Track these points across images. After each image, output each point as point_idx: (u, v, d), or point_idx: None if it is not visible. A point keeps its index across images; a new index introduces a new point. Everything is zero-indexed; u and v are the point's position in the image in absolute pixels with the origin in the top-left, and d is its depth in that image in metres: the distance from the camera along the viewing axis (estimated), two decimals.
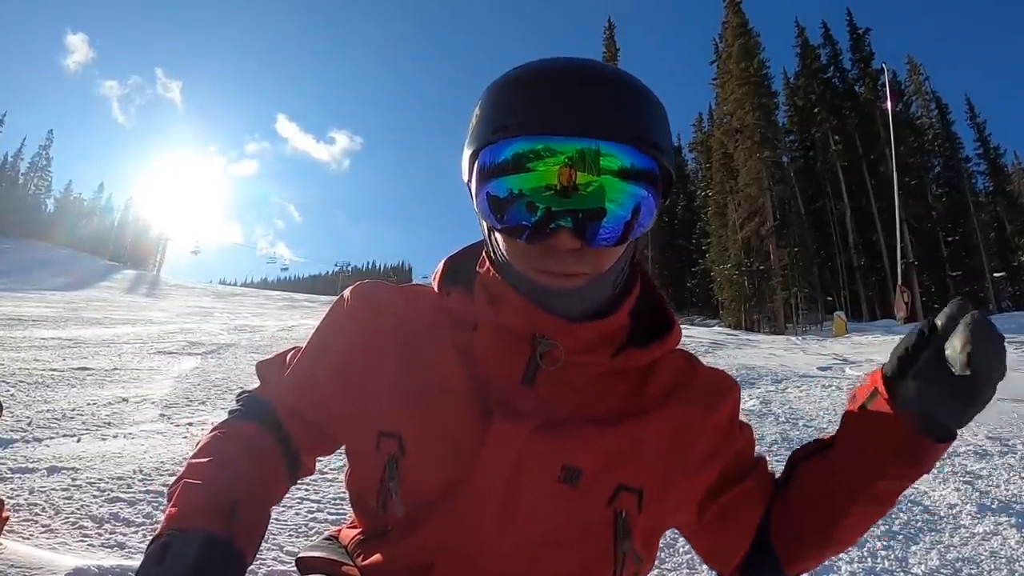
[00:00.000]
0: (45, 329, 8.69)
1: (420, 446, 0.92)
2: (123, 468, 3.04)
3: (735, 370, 8.07)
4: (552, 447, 0.89)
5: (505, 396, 0.92)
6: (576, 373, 0.94)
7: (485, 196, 0.85)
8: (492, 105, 0.85)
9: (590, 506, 0.89)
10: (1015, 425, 5.36)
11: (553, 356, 0.92)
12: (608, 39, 48.20)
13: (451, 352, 0.97)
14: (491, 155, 0.83)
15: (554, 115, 0.80)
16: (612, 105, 0.81)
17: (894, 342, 1.14)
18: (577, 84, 0.81)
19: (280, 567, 2.25)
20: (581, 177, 0.79)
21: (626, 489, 0.91)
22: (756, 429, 4.76)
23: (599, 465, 0.90)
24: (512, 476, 0.88)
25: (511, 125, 0.81)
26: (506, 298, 0.93)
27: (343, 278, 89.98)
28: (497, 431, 0.89)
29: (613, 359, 0.95)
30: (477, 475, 0.89)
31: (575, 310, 0.91)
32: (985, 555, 2.83)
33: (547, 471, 0.89)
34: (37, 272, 42.23)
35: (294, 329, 11.38)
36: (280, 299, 32.17)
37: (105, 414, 4.11)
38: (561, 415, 0.92)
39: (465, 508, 0.89)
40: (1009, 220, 46.23)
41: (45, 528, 2.38)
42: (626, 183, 0.81)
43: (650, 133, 0.82)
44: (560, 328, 0.91)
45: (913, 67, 50.91)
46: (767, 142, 37.83)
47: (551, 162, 0.79)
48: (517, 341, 0.93)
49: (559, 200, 0.80)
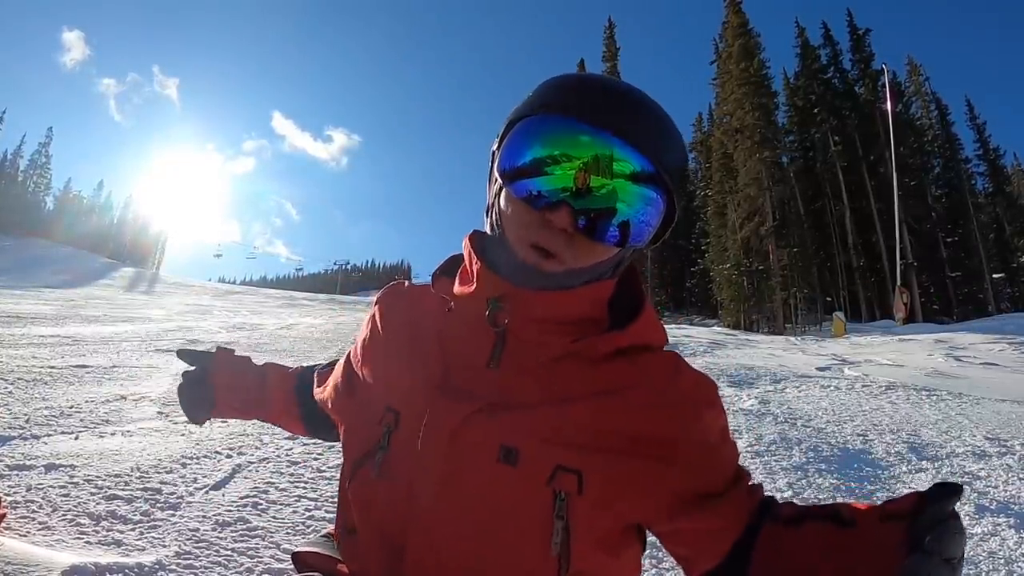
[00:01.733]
0: (44, 326, 8.67)
1: (406, 420, 0.98)
2: (121, 466, 3.04)
3: (734, 370, 8.08)
4: (491, 428, 0.93)
5: (465, 377, 0.98)
6: (535, 355, 0.97)
7: (504, 196, 0.95)
8: (542, 92, 0.95)
9: (528, 486, 0.91)
10: (1013, 426, 5.36)
11: (499, 319, 0.97)
12: (608, 38, 48.24)
13: (432, 336, 1.05)
14: (511, 154, 0.92)
15: (594, 108, 0.88)
16: (633, 112, 0.89)
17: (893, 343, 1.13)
18: (612, 88, 0.91)
19: (277, 565, 2.25)
20: (595, 180, 0.87)
21: (564, 469, 0.91)
22: (754, 429, 4.80)
23: (536, 445, 0.92)
24: (449, 455, 0.93)
25: (553, 104, 0.91)
26: (471, 267, 1.01)
27: (343, 277, 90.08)
28: (434, 410, 0.96)
29: (574, 343, 0.97)
30: (425, 454, 0.94)
31: (533, 285, 0.95)
32: (983, 556, 2.83)
33: (485, 451, 0.92)
34: (36, 270, 42.19)
35: (293, 328, 11.38)
36: (279, 297, 32.12)
37: (103, 412, 4.10)
38: (516, 398, 0.95)
39: (418, 487, 0.94)
40: (1008, 221, 46.31)
41: (42, 525, 2.37)
42: (637, 185, 0.89)
43: (662, 150, 0.90)
44: (509, 292, 0.96)
45: (913, 68, 50.99)
46: (767, 142, 37.88)
47: (567, 166, 0.87)
48: (481, 324, 0.98)
49: (575, 200, 0.87)
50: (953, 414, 5.82)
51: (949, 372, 9.20)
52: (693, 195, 53.16)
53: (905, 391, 6.91)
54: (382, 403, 1.03)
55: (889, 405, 6.17)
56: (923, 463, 4.18)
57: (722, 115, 43.59)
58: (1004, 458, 4.30)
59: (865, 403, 6.14)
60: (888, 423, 5.29)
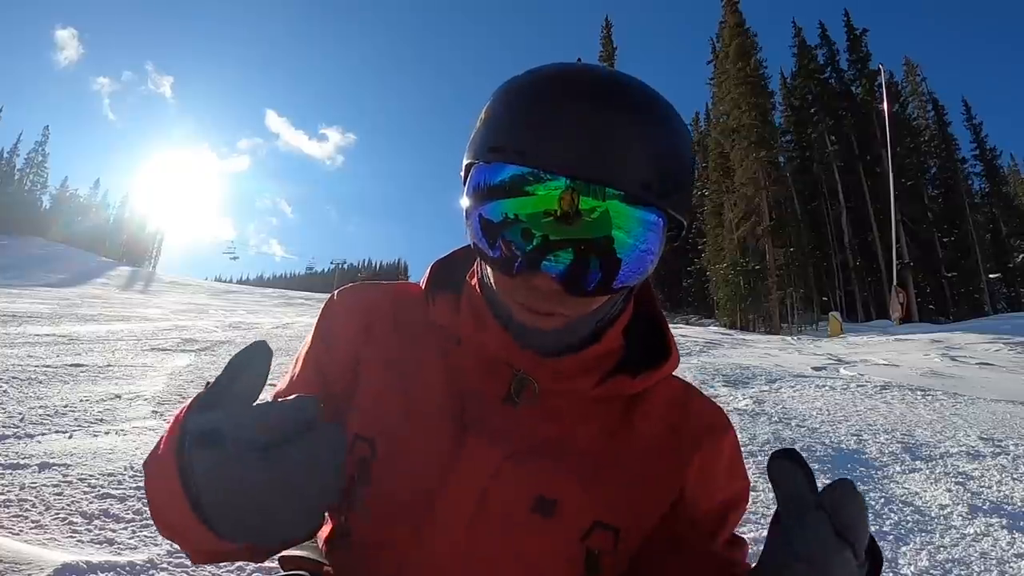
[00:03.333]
0: (39, 325, 8.65)
1: (393, 453, 0.88)
2: (114, 464, 3.03)
3: (729, 369, 8.08)
4: (527, 475, 0.85)
5: (483, 415, 0.88)
6: (559, 399, 0.90)
7: (478, 218, 0.78)
8: (494, 117, 0.78)
9: (562, 540, 0.85)
10: (1008, 426, 5.37)
11: (528, 393, 0.88)
12: (605, 38, 48.22)
13: (435, 363, 0.94)
14: (486, 173, 0.77)
15: (553, 149, 0.71)
16: (622, 141, 0.72)
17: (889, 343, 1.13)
18: (584, 106, 0.72)
19: (269, 563, 2.24)
20: (585, 202, 0.71)
21: (602, 526, 0.86)
22: (748, 428, 4.80)
23: (576, 497, 0.85)
24: (481, 501, 0.85)
25: (507, 149, 0.74)
26: (488, 323, 0.90)
27: (339, 275, 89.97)
28: (469, 450, 0.86)
29: (598, 387, 0.89)
30: (445, 496, 0.85)
31: (551, 346, 0.88)
32: (976, 556, 2.84)
33: (519, 500, 0.85)
34: (32, 268, 42.11)
35: (289, 327, 11.35)
36: (276, 296, 32.07)
37: (98, 411, 4.09)
38: (541, 441, 0.88)
39: (432, 527, 0.85)
40: (1005, 221, 46.44)
41: (35, 524, 2.37)
42: (635, 208, 0.73)
43: (660, 177, 0.74)
44: (535, 364, 0.87)
45: (910, 68, 51.11)
46: (763, 142, 37.87)
47: (552, 185, 0.71)
48: (500, 367, 0.90)
49: (559, 228, 0.72)
50: (948, 414, 5.82)
51: (945, 372, 9.21)
52: None
53: (900, 391, 6.91)
54: (350, 430, 0.91)
55: (884, 405, 6.17)
56: (917, 463, 4.18)
57: (719, 115, 43.57)
58: (998, 458, 4.31)
59: (860, 403, 6.14)
60: (883, 423, 5.30)
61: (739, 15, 41.19)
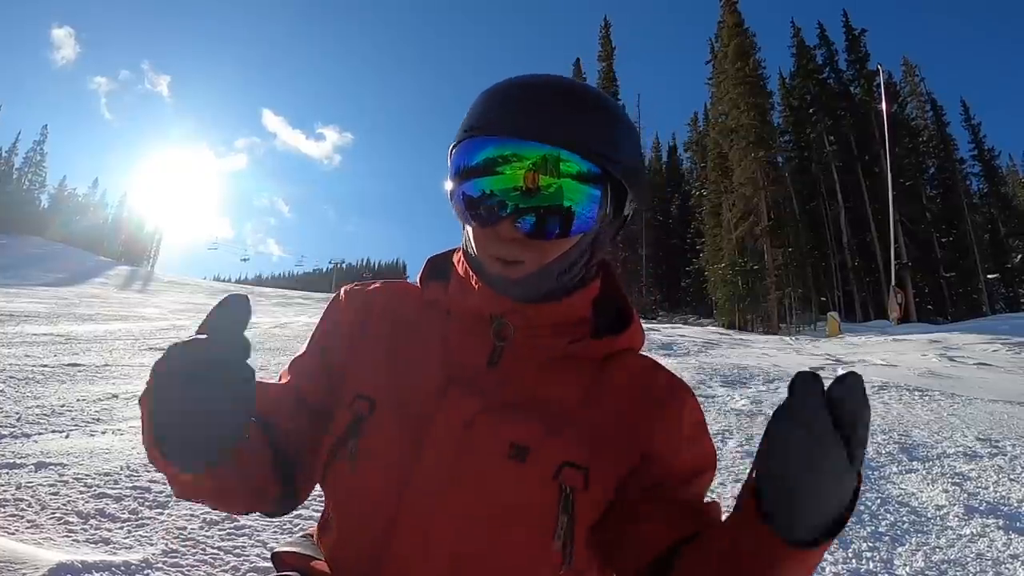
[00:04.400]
0: (37, 325, 8.66)
1: (388, 410, 1.00)
2: (111, 464, 3.04)
3: (727, 369, 8.09)
4: (502, 424, 0.96)
5: (469, 375, 1.01)
6: (534, 357, 1.03)
7: (461, 195, 0.97)
8: (474, 108, 0.98)
9: (537, 481, 0.94)
10: (1005, 426, 5.38)
11: (504, 333, 1.02)
12: (604, 37, 48.28)
13: (431, 336, 1.08)
14: (464, 157, 0.96)
15: (517, 121, 0.92)
16: (571, 116, 0.93)
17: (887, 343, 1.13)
18: (545, 97, 0.94)
19: (263, 563, 2.26)
20: (543, 180, 0.91)
21: (571, 465, 0.95)
22: (746, 429, 4.81)
23: (545, 443, 0.95)
24: (461, 448, 0.95)
25: (482, 126, 0.94)
26: (470, 283, 1.04)
27: (337, 275, 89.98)
28: (450, 401, 0.98)
29: (570, 345, 1.03)
30: (427, 446, 0.96)
31: (523, 297, 1.00)
32: (971, 557, 2.85)
33: (496, 447, 0.95)
34: (30, 268, 42.05)
35: (287, 326, 11.37)
36: (274, 296, 32.08)
37: (94, 410, 4.09)
38: (516, 396, 1.00)
39: (418, 477, 0.95)
40: (1003, 222, 46.45)
41: (30, 524, 2.37)
42: (584, 185, 0.93)
43: (601, 144, 0.94)
44: (509, 308, 1.01)
45: (909, 68, 51.05)
46: (762, 142, 37.88)
47: (517, 166, 0.91)
48: (483, 328, 1.03)
49: (525, 199, 0.92)
50: (945, 414, 5.84)
51: (942, 372, 9.22)
52: (688, 194, 53.28)
53: (898, 391, 6.93)
54: (350, 391, 1.04)
55: (881, 405, 6.19)
56: (914, 463, 4.19)
57: (718, 115, 43.53)
58: (995, 459, 4.32)
59: None
60: (880, 423, 5.31)
61: (738, 15, 41.22)
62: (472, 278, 1.04)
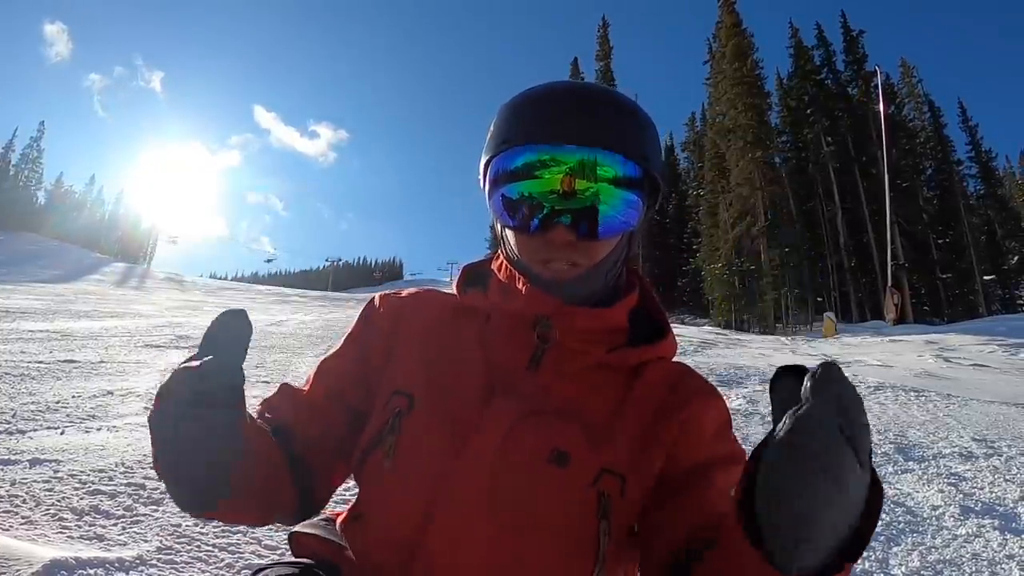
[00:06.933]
0: (33, 321, 8.64)
1: (427, 407, 1.00)
2: (105, 461, 3.03)
3: (723, 369, 8.11)
4: (544, 429, 0.97)
5: (510, 379, 1.02)
6: (574, 363, 1.03)
7: (500, 198, 1.00)
8: (504, 120, 1.01)
9: (578, 487, 0.93)
10: (1001, 427, 5.39)
11: (550, 335, 1.02)
12: (602, 37, 48.35)
13: (469, 338, 1.09)
14: (503, 163, 0.99)
15: (555, 129, 0.94)
16: (606, 120, 0.96)
17: (883, 344, 1.12)
18: (577, 102, 0.97)
19: (258, 560, 2.24)
20: (580, 183, 0.94)
21: (608, 472, 0.95)
22: (741, 429, 4.81)
23: (585, 450, 0.95)
24: (502, 453, 0.95)
25: (518, 136, 0.97)
26: (514, 286, 1.05)
27: (334, 273, 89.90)
28: (495, 407, 0.98)
29: (608, 354, 1.04)
30: (470, 449, 0.95)
31: (572, 297, 1.02)
32: (967, 557, 2.85)
33: (538, 452, 0.95)
34: (26, 264, 41.99)
35: (283, 324, 11.36)
36: (270, 294, 32.05)
37: (90, 407, 4.08)
38: (557, 402, 1.00)
39: (458, 475, 0.94)
40: (1000, 224, 46.58)
41: (25, 520, 2.36)
42: (618, 188, 0.96)
43: (639, 145, 0.97)
44: (557, 309, 1.01)
45: (906, 70, 51.18)
46: (759, 142, 38.01)
47: (555, 170, 0.94)
48: (524, 331, 1.04)
49: (561, 201, 0.94)
50: (941, 415, 5.85)
51: (939, 373, 9.24)
52: (685, 194, 53.28)
53: (894, 392, 6.94)
54: (387, 388, 1.05)
55: (877, 406, 6.20)
56: (910, 464, 4.20)
57: (715, 115, 43.68)
58: (991, 459, 4.33)
59: None
60: (876, 424, 5.31)
61: (736, 15, 41.35)
62: (519, 280, 1.04)
